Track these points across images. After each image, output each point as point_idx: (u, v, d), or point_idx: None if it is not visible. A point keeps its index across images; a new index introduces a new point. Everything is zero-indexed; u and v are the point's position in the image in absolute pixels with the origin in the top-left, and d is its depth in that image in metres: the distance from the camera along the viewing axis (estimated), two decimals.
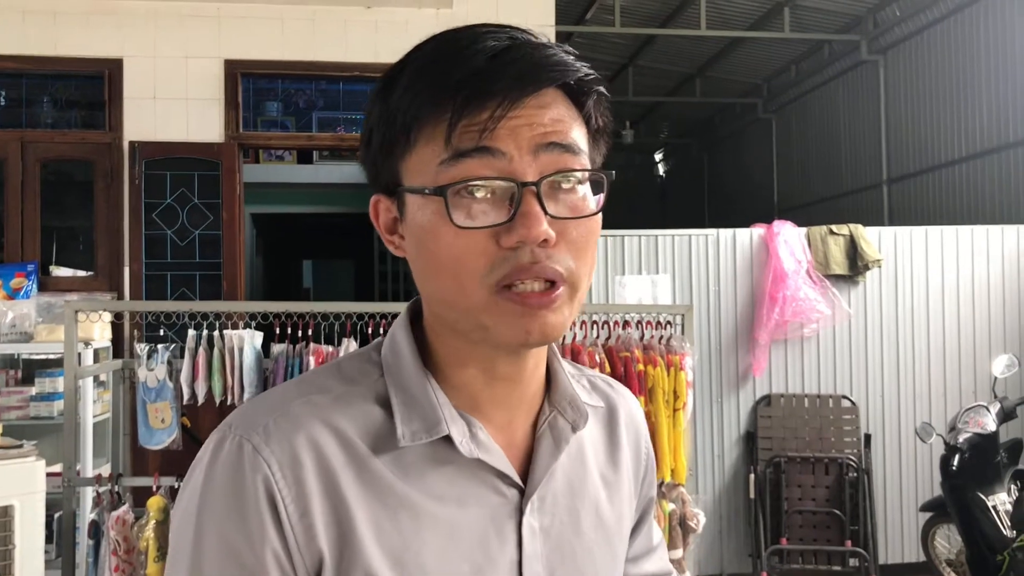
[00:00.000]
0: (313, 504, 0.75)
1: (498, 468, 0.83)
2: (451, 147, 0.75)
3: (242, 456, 0.76)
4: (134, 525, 3.21)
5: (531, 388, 0.87)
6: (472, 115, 0.74)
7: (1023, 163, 6.64)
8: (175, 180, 5.53)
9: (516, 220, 0.74)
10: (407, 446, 0.80)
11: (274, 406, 0.80)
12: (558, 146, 0.76)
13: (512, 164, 0.75)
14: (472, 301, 0.77)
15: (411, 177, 0.79)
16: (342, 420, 0.80)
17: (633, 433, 1.01)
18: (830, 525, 5.20)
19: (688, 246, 5.40)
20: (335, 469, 0.77)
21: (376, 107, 0.81)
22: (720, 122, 13.04)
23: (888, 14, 8.31)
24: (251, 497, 0.75)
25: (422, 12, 5.74)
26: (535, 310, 0.76)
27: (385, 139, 0.80)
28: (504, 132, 0.75)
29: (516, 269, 0.75)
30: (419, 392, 0.82)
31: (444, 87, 0.75)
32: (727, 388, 5.39)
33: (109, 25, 5.53)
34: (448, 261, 0.76)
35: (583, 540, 0.88)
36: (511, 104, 0.74)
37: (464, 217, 0.75)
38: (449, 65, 0.76)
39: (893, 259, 5.49)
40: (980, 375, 5.42)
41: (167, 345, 3.55)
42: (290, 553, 0.75)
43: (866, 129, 8.97)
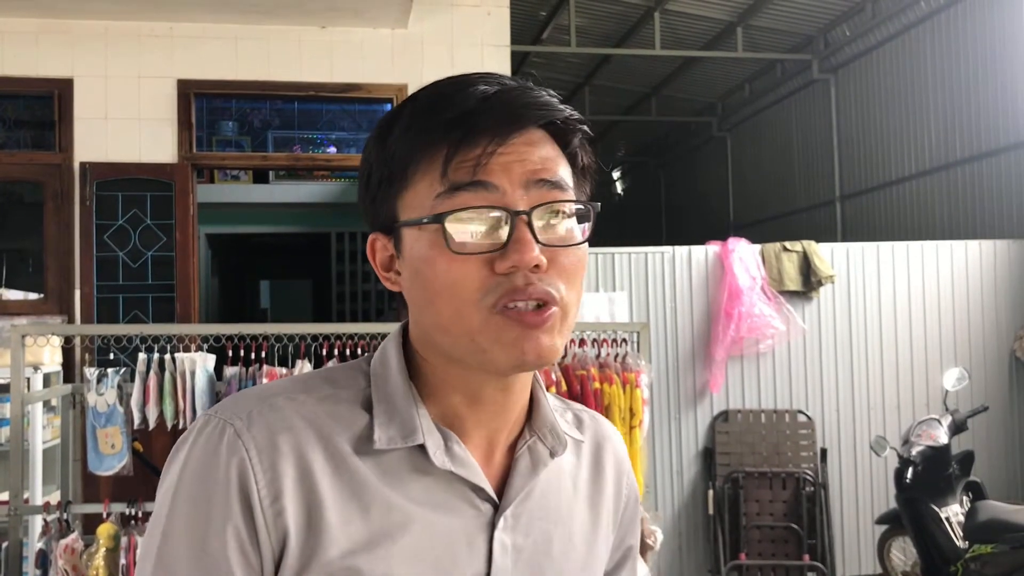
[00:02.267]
0: (286, 490, 0.78)
1: (472, 481, 0.85)
2: (447, 180, 0.79)
3: (222, 438, 0.79)
4: (83, 553, 3.14)
5: (513, 414, 0.90)
6: (466, 151, 0.79)
7: (969, 180, 6.78)
8: (127, 201, 5.46)
9: (509, 246, 0.78)
10: (386, 451, 0.82)
11: (261, 397, 0.84)
12: (547, 182, 0.81)
13: (505, 197, 0.79)
14: (469, 324, 0.80)
15: (408, 212, 0.83)
16: (325, 418, 0.83)
17: (616, 472, 1.02)
18: (788, 540, 5.24)
19: (645, 263, 5.43)
20: (312, 461, 0.80)
21: (374, 150, 0.86)
22: (676, 140, 13.18)
23: (838, 34, 8.46)
24: (223, 479, 0.78)
25: (377, 32, 5.74)
26: (530, 330, 0.79)
27: (383, 179, 0.84)
28: (496, 167, 0.79)
29: (511, 290, 0.78)
30: (401, 403, 0.85)
31: (438, 126, 0.80)
32: (685, 404, 5.42)
33: (60, 44, 5.46)
34: (444, 287, 0.80)
35: (555, 564, 0.90)
36: (501, 140, 0.79)
37: (459, 244, 0.79)
38: (443, 107, 0.81)
39: (846, 275, 5.56)
40: (932, 388, 5.50)
41: (117, 369, 3.49)
42: (257, 535, 0.77)
43: (819, 147, 9.11)
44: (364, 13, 5.52)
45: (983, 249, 5.71)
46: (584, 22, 8.74)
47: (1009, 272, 5.70)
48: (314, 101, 5.93)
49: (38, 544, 3.32)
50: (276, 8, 5.42)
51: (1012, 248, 5.74)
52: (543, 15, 8.82)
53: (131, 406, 3.39)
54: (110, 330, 3.72)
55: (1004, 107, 6.38)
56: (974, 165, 6.72)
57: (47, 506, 3.35)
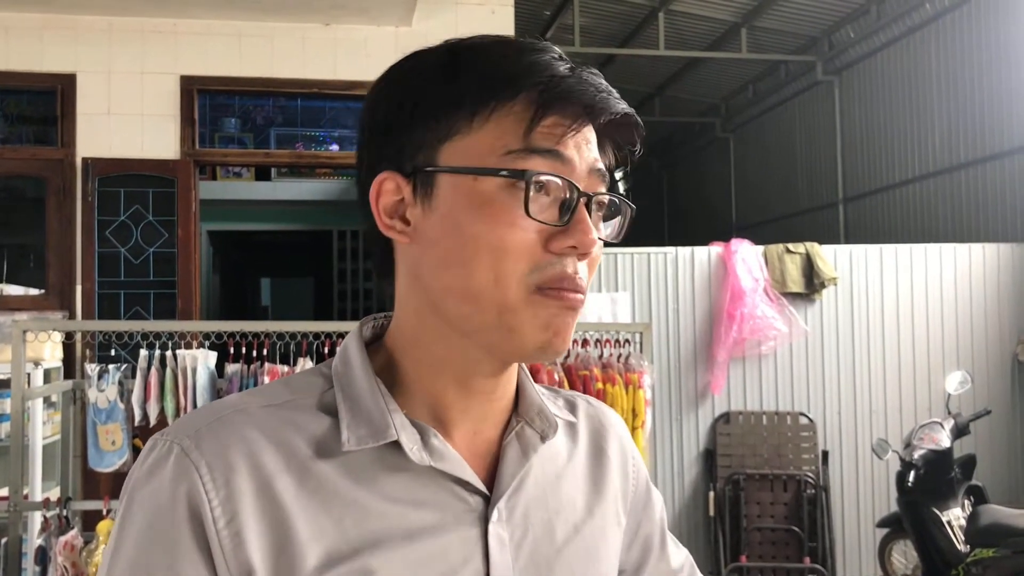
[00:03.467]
0: (244, 510, 0.71)
1: (456, 475, 0.79)
2: (526, 141, 0.74)
3: (168, 460, 0.73)
4: (83, 550, 3.13)
5: (501, 402, 0.85)
6: (553, 117, 0.74)
7: (973, 183, 6.77)
8: (129, 197, 5.45)
9: (573, 225, 0.74)
10: (354, 451, 0.76)
11: (212, 413, 0.77)
12: (601, 173, 0.78)
13: (574, 173, 0.75)
14: (505, 297, 0.74)
15: (456, 160, 0.75)
16: (283, 426, 0.76)
17: (620, 454, 0.97)
18: (789, 542, 5.23)
19: (647, 264, 5.42)
20: (271, 474, 0.73)
21: (433, 83, 0.77)
22: (679, 141, 13.16)
23: (843, 35, 8.45)
24: (168, 503, 0.71)
25: (381, 30, 5.74)
26: (564, 310, 0.75)
27: (436, 117, 0.76)
28: (573, 144, 0.75)
29: (562, 276, 0.75)
30: (367, 400, 0.79)
31: (527, 82, 0.74)
32: (686, 406, 5.41)
33: (63, 40, 5.45)
34: (492, 251, 0.74)
35: (561, 555, 0.84)
36: (588, 120, 0.76)
37: (536, 207, 0.73)
38: (532, 63, 0.75)
39: (849, 277, 5.55)
40: (934, 392, 5.49)
41: (118, 365, 3.48)
42: (214, 566, 0.71)
43: (822, 148, 9.10)
44: (368, 11, 5.51)
45: (986, 252, 5.70)
46: (588, 22, 8.73)
47: (1012, 276, 5.69)
48: (317, 99, 5.92)
49: (37, 540, 3.31)
50: (280, 5, 5.41)
51: (1015, 251, 5.73)
52: (547, 14, 8.81)
53: (132, 402, 3.38)
54: (111, 326, 3.70)
55: (1008, 111, 6.37)
56: (978, 168, 6.71)
57: (47, 502, 3.34)
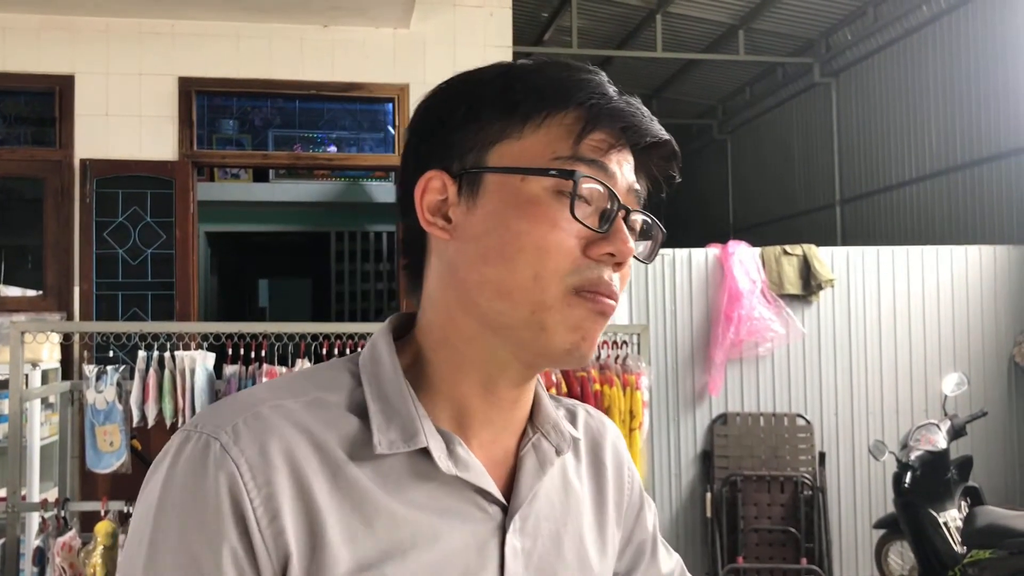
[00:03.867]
0: (284, 508, 0.72)
1: (478, 485, 0.80)
2: (574, 149, 0.78)
3: (208, 455, 0.72)
4: (81, 551, 3.14)
5: (521, 411, 0.87)
6: (601, 131, 0.79)
7: (970, 185, 6.78)
8: (127, 198, 5.45)
9: (613, 233, 0.79)
10: (385, 455, 0.77)
11: (244, 406, 0.76)
12: (638, 194, 0.84)
13: (616, 187, 0.80)
14: (543, 295, 0.77)
15: (506, 161, 0.79)
16: (316, 424, 0.76)
17: (616, 465, 0.99)
18: (786, 543, 5.23)
19: (645, 266, 5.42)
20: (308, 474, 0.73)
21: (493, 87, 0.82)
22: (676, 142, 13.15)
23: (840, 38, 8.46)
24: (212, 499, 0.70)
25: (379, 32, 5.74)
26: (596, 316, 0.78)
27: (490, 119, 0.80)
28: (616, 159, 0.81)
29: (599, 281, 0.78)
30: (398, 402, 0.79)
31: (580, 96, 0.80)
32: (683, 407, 5.41)
33: (61, 41, 5.46)
34: (535, 249, 0.76)
35: (566, 566, 0.86)
36: (634, 139, 0.82)
37: (578, 210, 0.77)
38: (582, 80, 0.82)
39: (846, 278, 5.56)
40: (931, 393, 5.50)
41: (117, 366, 3.48)
42: (256, 559, 0.71)
43: (819, 150, 9.11)
44: (367, 12, 5.52)
45: (983, 254, 5.71)
46: (586, 24, 8.74)
47: (1009, 277, 5.70)
48: (315, 100, 5.93)
49: (35, 542, 3.32)
50: (278, 6, 5.41)
51: (1012, 253, 5.74)
52: (545, 16, 8.82)
53: (130, 404, 3.39)
54: (110, 327, 3.71)
55: (1005, 112, 6.38)
56: (975, 170, 6.72)
57: (44, 503, 3.34)
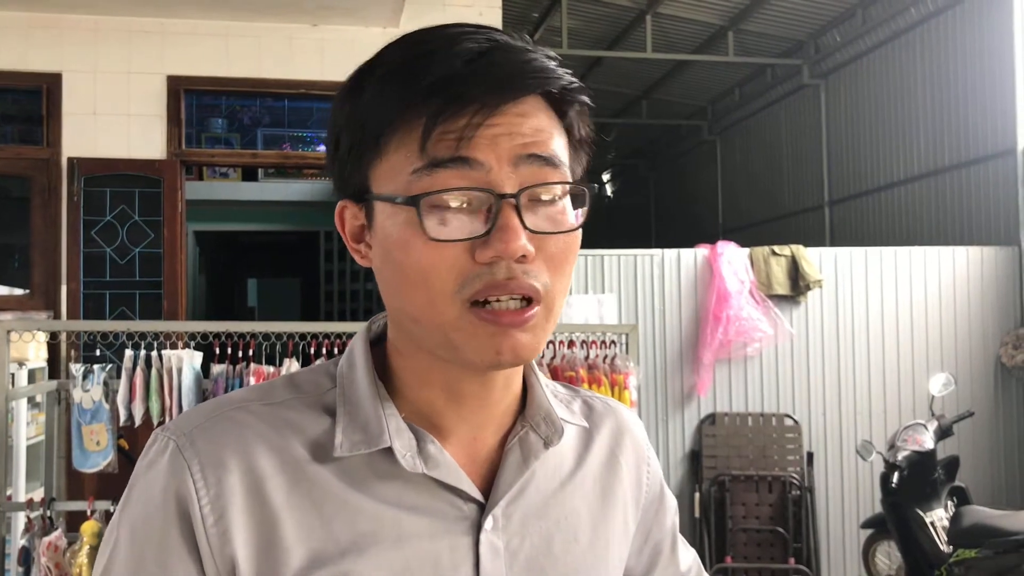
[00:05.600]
0: (232, 508, 0.72)
1: (448, 482, 0.78)
2: (426, 155, 0.70)
3: (164, 456, 0.74)
4: (67, 551, 3.12)
5: (501, 406, 0.83)
6: (448, 122, 0.70)
7: (957, 187, 6.81)
8: (115, 197, 5.43)
9: (493, 234, 0.70)
10: (348, 456, 0.76)
11: (213, 409, 0.78)
12: (539, 158, 0.72)
13: (490, 175, 0.71)
14: (442, 317, 0.72)
15: (381, 184, 0.74)
16: (281, 426, 0.77)
17: (635, 460, 0.95)
18: (774, 543, 5.25)
19: (634, 266, 5.44)
20: (264, 475, 0.74)
21: (344, 110, 0.77)
22: (666, 143, 13.19)
23: (829, 39, 8.49)
24: (160, 497, 0.73)
25: (369, 30, 5.73)
26: (507, 329, 0.72)
27: (353, 144, 0.75)
28: (482, 141, 0.70)
29: (490, 285, 0.71)
30: (366, 404, 0.78)
31: (417, 91, 0.71)
32: (672, 407, 5.42)
33: (49, 39, 5.43)
34: (418, 274, 0.72)
35: (558, 565, 0.83)
36: (490, 111, 0.70)
37: (438, 229, 0.71)
38: (423, 68, 0.71)
39: (834, 279, 5.58)
40: (918, 393, 5.52)
41: (103, 365, 3.47)
42: (202, 561, 0.72)
43: (808, 151, 9.14)
44: (356, 12, 5.51)
45: (970, 255, 5.74)
46: (576, 24, 8.75)
47: (995, 278, 5.73)
48: (305, 99, 5.91)
49: (21, 541, 3.30)
50: (268, 5, 5.40)
51: (999, 255, 5.77)
52: (535, 16, 8.83)
53: (117, 403, 3.37)
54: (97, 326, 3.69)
55: (992, 115, 6.41)
56: (962, 172, 6.75)
57: (30, 503, 3.33)
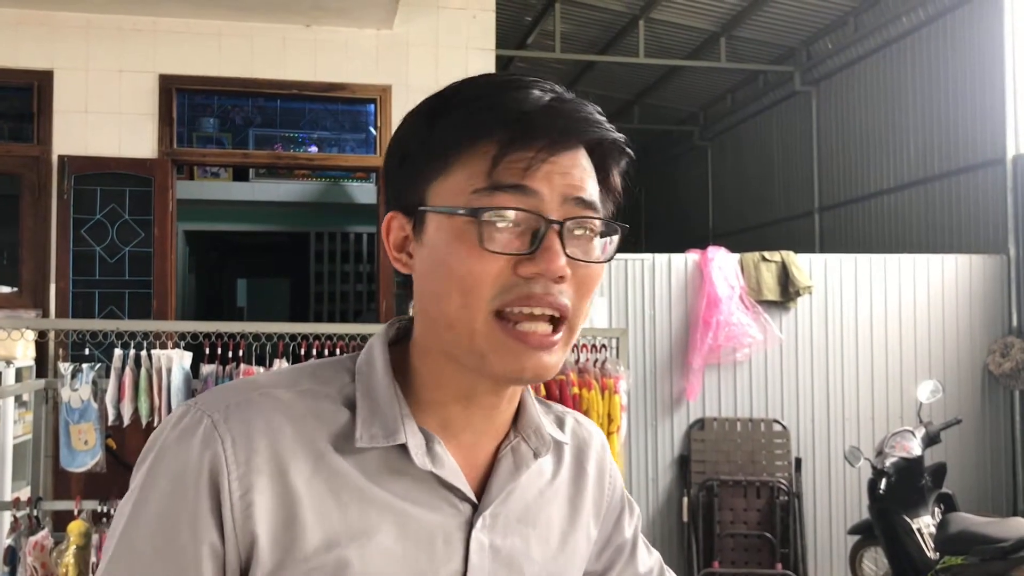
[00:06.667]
0: (258, 485, 0.78)
1: (450, 482, 0.86)
2: (491, 179, 0.80)
3: (198, 428, 0.80)
4: (53, 551, 3.10)
5: (503, 416, 0.91)
6: (517, 154, 0.80)
7: (946, 195, 6.84)
8: (105, 196, 5.41)
9: (539, 253, 0.80)
10: (366, 449, 0.83)
11: (241, 391, 0.84)
12: (582, 200, 0.83)
13: (542, 204, 0.81)
14: (474, 323, 0.80)
15: (439, 199, 0.83)
16: (305, 414, 0.83)
17: (598, 472, 1.03)
18: (761, 548, 5.26)
19: (624, 270, 5.45)
20: (288, 458, 0.80)
21: (415, 130, 0.86)
22: (657, 148, 13.21)
23: (821, 47, 8.53)
24: (195, 467, 0.78)
25: (362, 32, 5.73)
26: (534, 350, 0.81)
27: (420, 161, 0.85)
28: (541, 175, 0.80)
29: (526, 296, 0.80)
30: (384, 401, 0.85)
31: (493, 122, 0.81)
32: (661, 412, 5.43)
33: (40, 36, 5.41)
34: (462, 279, 0.80)
35: (534, 565, 0.91)
36: (552, 151, 0.81)
37: (491, 242, 0.80)
38: (498, 104, 0.82)
39: (823, 286, 5.60)
40: (906, 400, 5.54)
41: (92, 365, 3.45)
42: (223, 530, 0.78)
43: (799, 158, 9.17)
44: (350, 13, 5.51)
45: (959, 263, 5.77)
46: (569, 28, 8.76)
47: (983, 286, 5.76)
48: (297, 100, 5.90)
49: (7, 541, 3.28)
50: (261, 5, 5.39)
51: (987, 263, 5.80)
52: (528, 20, 8.83)
53: (106, 402, 3.36)
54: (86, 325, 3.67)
55: (982, 124, 6.45)
56: (951, 180, 6.78)
57: (17, 502, 3.31)
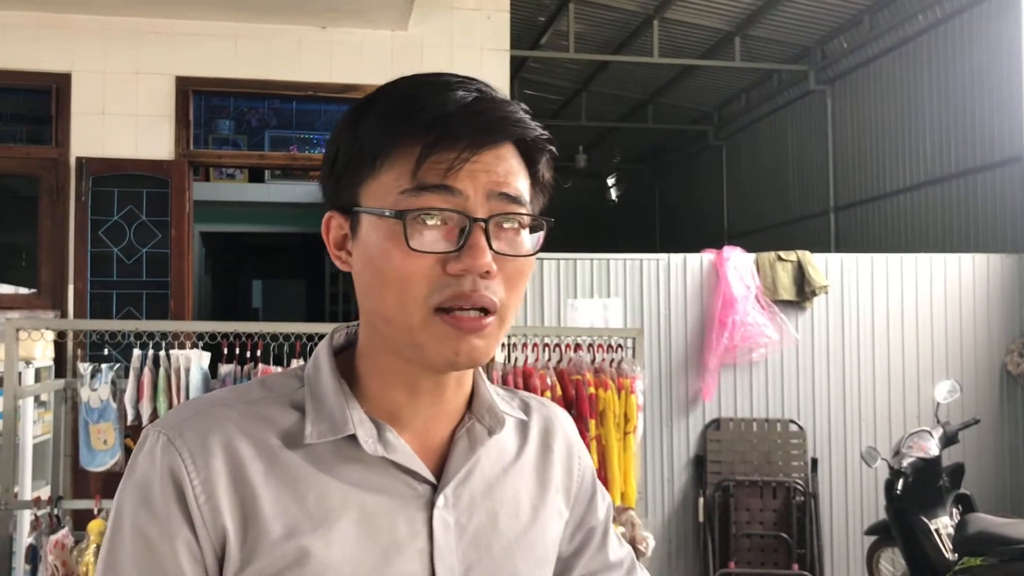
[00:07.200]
0: (219, 487, 0.84)
1: (405, 465, 0.90)
2: (416, 180, 0.83)
3: (157, 447, 0.86)
4: (73, 549, 3.13)
5: (453, 403, 0.95)
6: (439, 155, 0.83)
7: (963, 193, 6.81)
8: (123, 197, 5.44)
9: (464, 250, 0.83)
10: (317, 443, 0.88)
11: (195, 408, 0.90)
12: (507, 196, 0.86)
13: (467, 202, 0.84)
14: (412, 320, 0.84)
15: (370, 200, 0.86)
16: (256, 420, 0.89)
17: (565, 451, 1.07)
18: (777, 548, 5.25)
19: (639, 270, 5.44)
20: (244, 460, 0.86)
21: (346, 132, 0.89)
22: (671, 148, 13.20)
23: (835, 46, 8.50)
24: (159, 482, 0.84)
25: (377, 33, 5.74)
26: (466, 334, 0.84)
27: (351, 162, 0.87)
28: (464, 174, 0.83)
29: (456, 295, 0.83)
30: (331, 399, 0.90)
31: (416, 124, 0.83)
32: (677, 412, 5.42)
33: (58, 39, 5.44)
34: (395, 280, 0.84)
35: (501, 539, 0.94)
36: (475, 150, 0.83)
37: (417, 241, 0.83)
38: (422, 105, 0.84)
39: (840, 285, 5.58)
40: (923, 400, 5.51)
41: (111, 365, 3.48)
42: (196, 532, 0.84)
43: (814, 157, 9.14)
44: (365, 14, 5.52)
45: (976, 262, 5.74)
46: (583, 28, 8.76)
47: (1001, 286, 5.72)
48: (312, 101, 5.92)
49: (28, 539, 3.30)
50: (276, 7, 5.41)
51: (1005, 262, 5.76)
52: (542, 20, 8.84)
53: (125, 402, 3.38)
54: (106, 325, 3.70)
55: (999, 122, 6.41)
56: (968, 179, 6.75)
57: (37, 501, 3.33)
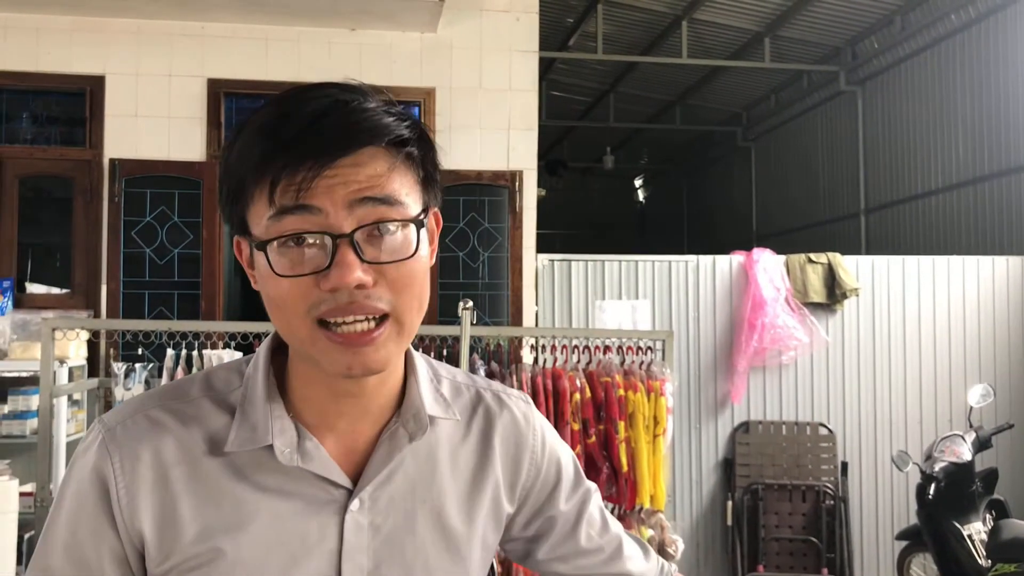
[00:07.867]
0: (141, 491, 0.90)
1: (320, 473, 0.93)
2: (275, 205, 0.84)
3: (94, 446, 0.93)
4: None
5: (377, 401, 0.97)
6: (289, 177, 0.84)
7: (997, 195, 6.73)
8: (155, 198, 5.49)
9: (331, 269, 0.84)
10: (237, 452, 0.92)
11: (137, 407, 0.95)
12: (374, 200, 0.85)
13: (328, 219, 0.84)
14: (301, 335, 0.88)
15: (253, 226, 0.89)
16: (189, 423, 0.94)
17: (513, 448, 1.08)
18: (807, 552, 5.21)
19: (668, 272, 5.42)
20: (168, 465, 0.91)
21: (222, 164, 0.92)
22: (700, 149, 13.13)
23: (866, 46, 8.42)
24: (88, 478, 0.91)
25: (406, 35, 5.76)
26: (357, 347, 0.87)
27: (231, 193, 0.90)
28: (319, 190, 0.84)
29: (335, 308, 0.85)
30: (259, 405, 0.94)
31: (268, 150, 0.85)
32: (705, 414, 5.40)
33: (92, 42, 5.51)
34: (278, 301, 0.87)
35: (416, 539, 0.97)
36: (322, 166, 0.84)
37: (286, 266, 0.85)
38: (273, 131, 0.86)
39: (871, 288, 5.53)
40: (956, 404, 5.45)
41: (145, 364, 3.51)
42: (118, 531, 0.90)
43: (844, 159, 9.06)
44: (394, 16, 5.54)
45: (1010, 265, 5.67)
46: (611, 29, 8.74)
47: None
48: None
49: None
50: (307, 10, 5.45)
51: None
52: (570, 22, 8.83)
53: None
54: (138, 325, 3.74)
55: None
56: (1002, 180, 6.66)
57: None
